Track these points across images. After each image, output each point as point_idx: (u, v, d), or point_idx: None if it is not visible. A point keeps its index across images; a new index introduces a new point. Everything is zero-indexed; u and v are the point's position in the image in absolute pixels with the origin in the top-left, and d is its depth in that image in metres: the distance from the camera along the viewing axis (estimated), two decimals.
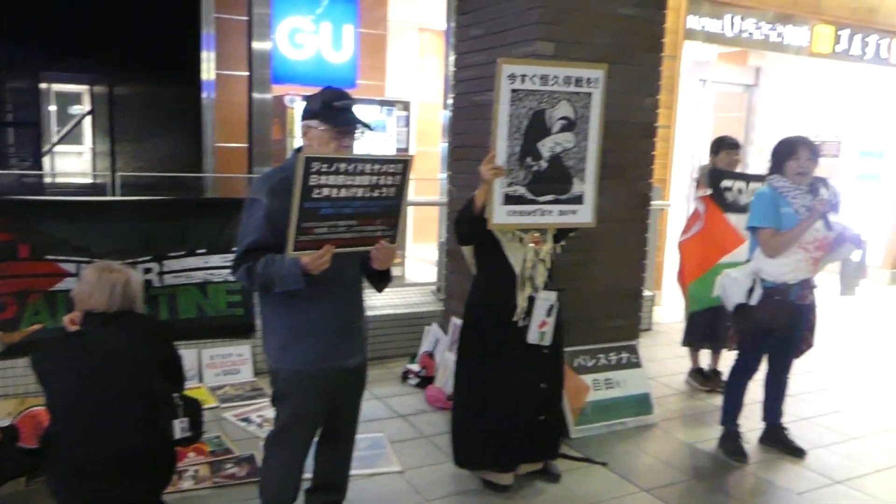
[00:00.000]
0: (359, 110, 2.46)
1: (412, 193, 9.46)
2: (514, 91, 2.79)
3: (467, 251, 3.29)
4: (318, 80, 5.83)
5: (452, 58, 4.68)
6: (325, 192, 2.20)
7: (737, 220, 4.34)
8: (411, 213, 9.26)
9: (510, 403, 3.13)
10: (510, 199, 2.91)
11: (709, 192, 4.46)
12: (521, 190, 2.92)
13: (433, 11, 8.42)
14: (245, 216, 2.39)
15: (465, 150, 4.46)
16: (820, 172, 3.67)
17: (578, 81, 2.90)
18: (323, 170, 2.17)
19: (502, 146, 2.83)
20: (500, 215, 2.91)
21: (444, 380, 4.38)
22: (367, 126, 2.41)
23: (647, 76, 4.07)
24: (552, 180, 2.97)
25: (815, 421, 4.31)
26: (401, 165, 2.32)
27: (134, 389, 2.37)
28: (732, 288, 3.62)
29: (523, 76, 2.79)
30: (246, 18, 5.79)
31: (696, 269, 4.56)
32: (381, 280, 2.60)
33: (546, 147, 2.93)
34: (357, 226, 2.32)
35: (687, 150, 8.68)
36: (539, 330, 3.07)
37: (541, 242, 3.05)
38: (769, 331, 3.57)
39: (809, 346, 3.79)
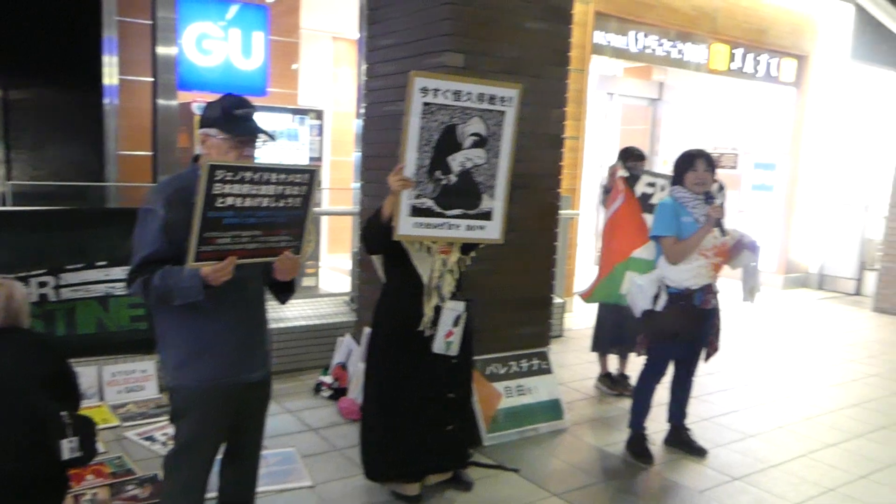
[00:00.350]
0: (261, 118, 2.40)
1: (326, 203, 9.36)
2: (426, 104, 2.77)
3: (377, 260, 3.27)
4: (226, 87, 5.70)
5: (364, 67, 4.67)
6: (230, 201, 2.14)
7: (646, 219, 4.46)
8: (325, 223, 9.17)
9: (417, 414, 3.12)
10: (417, 211, 2.90)
11: (626, 173, 4.52)
12: (429, 203, 2.91)
13: (346, 20, 8.38)
14: (139, 227, 2.29)
15: (377, 159, 4.45)
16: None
17: (492, 99, 2.90)
18: (227, 178, 2.11)
19: (411, 158, 2.82)
20: (406, 227, 2.90)
21: (358, 391, 4.33)
22: (268, 135, 2.36)
23: (555, 88, 4.17)
24: (461, 195, 2.97)
25: (716, 420, 4.50)
26: (307, 175, 2.29)
27: (14, 408, 2.23)
28: (638, 295, 3.75)
29: (436, 90, 2.78)
30: (150, 22, 5.61)
31: (612, 256, 4.50)
32: (285, 292, 2.55)
33: (456, 162, 2.92)
34: (261, 236, 2.26)
35: (595, 160, 8.96)
36: (445, 339, 3.07)
37: (449, 252, 3.06)
38: (675, 335, 3.71)
39: (715, 349, 3.93)
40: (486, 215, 3.06)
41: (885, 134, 10.45)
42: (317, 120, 6.70)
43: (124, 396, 4.31)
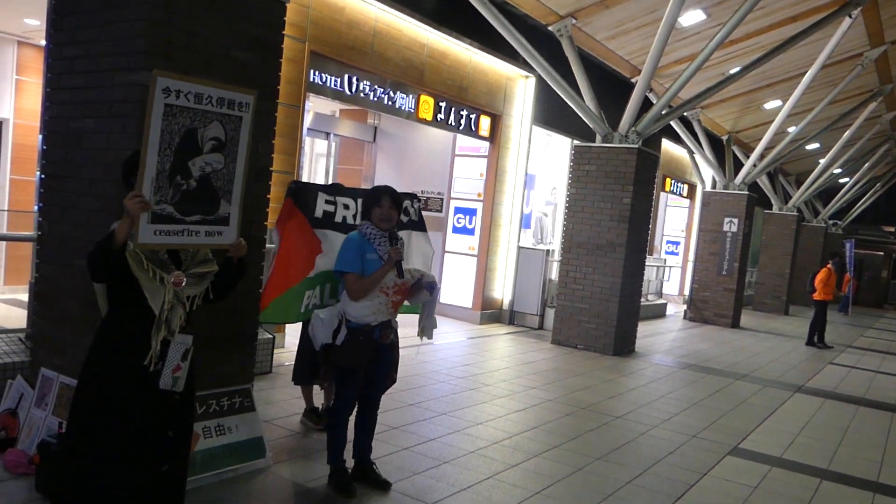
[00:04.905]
0: None
1: (3, 227, 8.21)
2: (167, 106, 2.66)
3: (99, 289, 2.95)
4: None
5: (48, 77, 4.19)
6: None
7: (333, 236, 4.23)
8: (2, 250, 8.06)
9: (132, 452, 2.83)
10: (157, 218, 2.74)
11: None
12: (170, 209, 2.77)
13: (35, 23, 7.56)
14: None
15: (61, 180, 4.01)
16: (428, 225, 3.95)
17: (231, 104, 2.88)
18: None
19: (152, 161, 2.67)
20: (147, 234, 2.72)
21: (30, 441, 3.81)
22: None
23: (262, 121, 4.11)
24: (200, 200, 2.89)
25: (415, 450, 4.71)
26: None
27: None
28: (319, 328, 3.82)
29: (178, 92, 2.68)
30: None
31: (281, 280, 4.20)
32: None
33: (196, 166, 2.83)
34: None
35: None
36: (173, 375, 2.88)
37: (181, 284, 2.86)
38: (354, 369, 3.81)
39: (393, 381, 4.09)
40: (224, 220, 2.99)
41: (560, 188, 12.05)
42: None
43: None
